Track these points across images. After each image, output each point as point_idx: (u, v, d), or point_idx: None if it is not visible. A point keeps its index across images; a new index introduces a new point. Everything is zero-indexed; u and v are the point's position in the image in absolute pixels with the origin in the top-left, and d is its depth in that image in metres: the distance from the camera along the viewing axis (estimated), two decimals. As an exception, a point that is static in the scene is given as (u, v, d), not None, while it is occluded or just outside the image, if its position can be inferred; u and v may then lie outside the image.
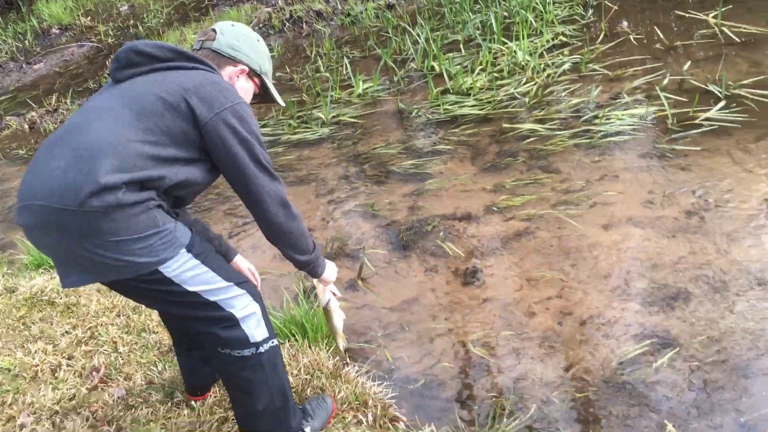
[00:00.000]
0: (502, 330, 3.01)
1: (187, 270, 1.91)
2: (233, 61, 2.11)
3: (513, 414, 2.56)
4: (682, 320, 2.87)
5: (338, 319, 2.63)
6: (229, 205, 4.65)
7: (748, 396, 2.47)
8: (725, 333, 2.76)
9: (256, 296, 2.11)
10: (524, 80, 5.42)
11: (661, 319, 2.90)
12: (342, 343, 2.74)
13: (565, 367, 2.75)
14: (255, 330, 2.08)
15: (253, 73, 2.18)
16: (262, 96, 2.28)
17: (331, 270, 2.42)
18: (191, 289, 1.93)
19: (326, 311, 2.60)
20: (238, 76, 2.13)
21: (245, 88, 2.16)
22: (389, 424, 2.51)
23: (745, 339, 2.71)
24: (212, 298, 1.99)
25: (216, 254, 2.06)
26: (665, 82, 4.83)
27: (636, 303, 3.00)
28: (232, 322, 2.03)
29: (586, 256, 3.35)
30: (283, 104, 2.41)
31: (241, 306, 2.04)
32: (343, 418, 2.52)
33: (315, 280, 2.42)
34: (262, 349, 2.10)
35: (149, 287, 1.92)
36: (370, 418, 2.51)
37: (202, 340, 2.18)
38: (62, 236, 1.75)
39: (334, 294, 2.55)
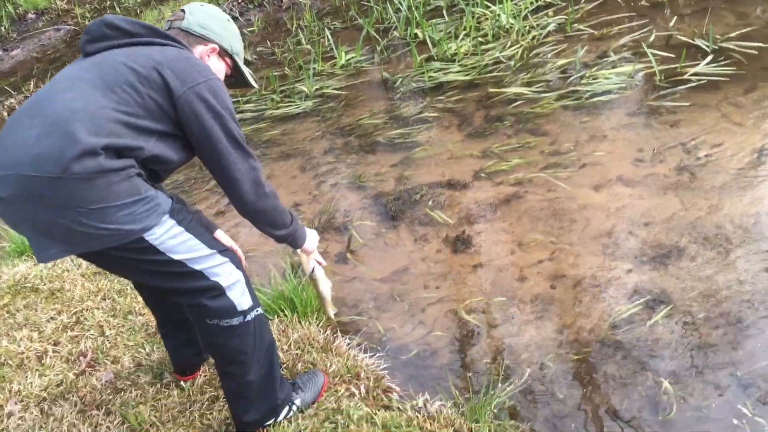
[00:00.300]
0: (494, 296, 2.97)
1: (171, 237, 1.86)
2: (203, 39, 2.06)
3: (508, 379, 2.53)
4: (675, 278, 2.83)
5: (325, 287, 2.55)
6: (213, 183, 4.57)
7: (744, 351, 2.45)
8: (719, 289, 2.72)
9: (238, 264, 2.07)
10: (509, 44, 5.33)
11: (654, 277, 2.86)
12: (331, 311, 2.67)
13: (558, 330, 2.72)
14: (241, 298, 2.04)
15: (224, 53, 2.13)
16: (234, 78, 2.23)
17: (312, 238, 2.36)
18: (176, 257, 1.89)
19: (312, 280, 2.52)
20: (209, 56, 2.08)
21: (217, 69, 2.11)
22: (382, 395, 2.47)
23: (740, 294, 2.68)
24: (197, 267, 1.94)
25: (197, 223, 2.01)
26: (652, 38, 4.75)
27: (628, 262, 2.96)
28: (218, 291, 1.99)
29: (576, 218, 3.30)
30: (256, 86, 2.36)
31: (226, 274, 2.00)
32: (336, 391, 2.47)
33: (298, 250, 2.36)
34: (248, 317, 2.07)
35: (134, 257, 1.86)
36: (363, 390, 2.47)
37: (189, 315, 2.13)
38: (41, 206, 1.68)
39: (318, 263, 2.49)
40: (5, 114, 7.44)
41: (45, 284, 3.43)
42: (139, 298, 3.14)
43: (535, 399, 2.45)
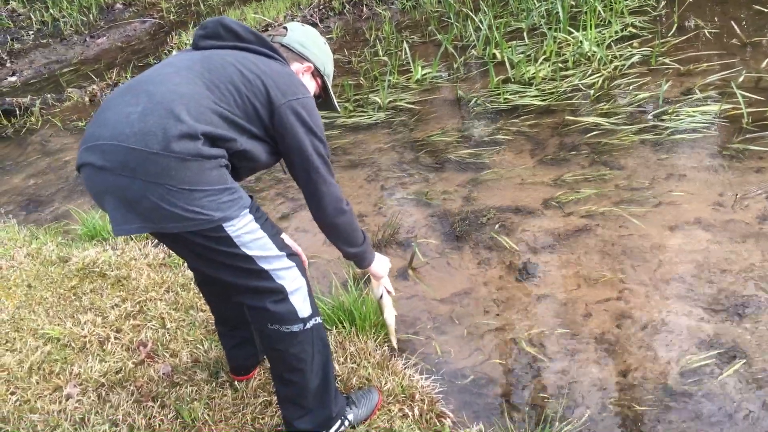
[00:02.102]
0: (556, 329, 2.89)
1: (247, 232, 1.91)
2: (301, 57, 2.17)
3: (565, 418, 2.45)
4: (750, 332, 2.71)
5: (389, 315, 2.62)
6: (281, 187, 4.61)
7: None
8: (798, 348, 2.59)
9: (303, 271, 2.12)
10: (590, 72, 5.23)
11: (728, 329, 2.74)
12: (394, 340, 2.69)
13: (622, 373, 2.63)
14: (302, 304, 2.08)
15: (317, 73, 2.23)
16: (322, 99, 2.32)
17: (383, 264, 2.44)
18: (248, 252, 1.94)
19: (380, 306, 2.61)
20: (303, 73, 2.18)
21: (308, 86, 2.19)
22: (435, 420, 2.43)
23: (821, 356, 2.54)
24: (265, 266, 1.98)
25: (270, 224, 2.05)
26: (741, 79, 4.59)
27: (701, 310, 2.85)
28: (282, 295, 2.03)
29: (648, 257, 3.20)
30: (339, 111, 2.50)
31: (291, 278, 2.05)
32: (389, 410, 2.45)
33: (371, 276, 2.46)
34: (308, 325, 2.11)
35: (209, 245, 1.91)
36: (417, 412, 2.44)
37: (250, 319, 2.16)
38: (135, 178, 1.74)
39: (387, 291, 2.55)
40: (86, 99, 7.69)
41: (112, 271, 3.51)
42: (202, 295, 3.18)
43: (593, 442, 2.37)
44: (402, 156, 4.72)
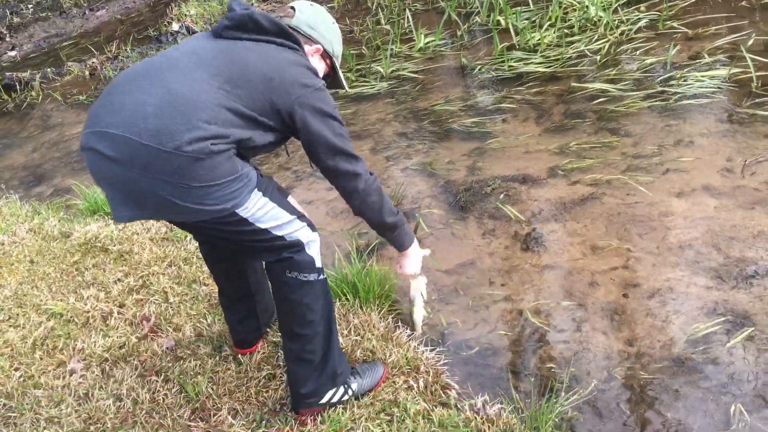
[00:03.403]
0: (562, 299, 2.86)
1: (259, 209, 1.98)
2: (310, 39, 2.15)
3: (572, 388, 2.43)
4: (759, 299, 2.67)
5: (418, 314, 2.68)
6: (282, 159, 4.56)
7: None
8: (808, 315, 2.55)
9: (314, 228, 2.20)
10: (596, 37, 5.14)
11: (736, 296, 2.70)
12: (418, 331, 2.75)
13: (629, 342, 2.60)
14: (317, 256, 2.18)
15: (326, 54, 2.21)
16: (330, 78, 2.32)
17: (418, 255, 2.44)
18: (263, 226, 2.01)
19: (411, 303, 2.67)
20: (312, 55, 2.16)
21: (318, 68, 2.18)
22: (441, 392, 2.41)
23: (831, 323, 2.50)
24: (280, 233, 2.06)
25: (277, 190, 2.13)
26: (750, 42, 4.49)
27: (709, 278, 2.81)
28: (299, 246, 2.12)
29: (656, 225, 3.15)
30: (347, 89, 2.47)
31: (305, 235, 2.14)
32: (394, 382, 2.43)
33: (409, 275, 2.52)
34: (321, 276, 2.19)
35: (223, 228, 1.98)
36: (422, 384, 2.42)
37: (267, 271, 2.21)
38: (143, 174, 1.75)
39: (422, 293, 2.62)
40: (87, 73, 7.62)
41: (115, 245, 3.49)
42: (205, 268, 3.17)
43: (599, 412, 2.35)
44: (405, 126, 4.66)
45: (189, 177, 1.75)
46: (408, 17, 6.33)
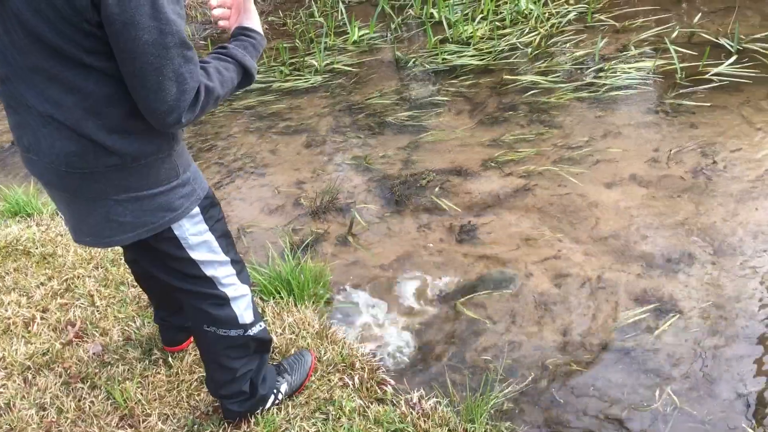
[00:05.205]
0: (496, 290, 2.88)
1: (194, 234, 1.78)
2: None
3: (506, 379, 2.44)
4: (684, 285, 2.75)
5: None
6: (214, 153, 4.46)
7: (751, 368, 2.36)
8: (729, 299, 2.64)
9: (247, 278, 2.01)
10: (527, 30, 5.20)
11: (664, 283, 2.77)
12: None
13: (561, 332, 2.63)
14: (244, 312, 1.99)
15: None
16: None
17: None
18: (193, 256, 1.81)
19: None
20: None
21: None
22: (377, 388, 2.39)
23: (750, 306, 2.59)
24: (209, 273, 1.86)
25: (223, 221, 1.90)
26: (674, 34, 4.62)
27: (637, 266, 2.87)
28: (223, 300, 1.93)
29: (586, 215, 3.21)
30: None
31: (234, 286, 1.94)
32: (329, 380, 2.40)
33: None
34: (250, 333, 2.01)
35: (155, 245, 1.78)
36: (357, 380, 2.39)
37: (187, 315, 2.07)
38: (77, 199, 1.65)
39: None
40: None
41: (37, 248, 3.34)
42: (133, 269, 3.06)
43: (534, 402, 2.37)
44: (340, 120, 4.62)
45: (118, 188, 1.63)
46: (342, 10, 6.28)
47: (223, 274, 1.89)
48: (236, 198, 3.86)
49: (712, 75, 4.09)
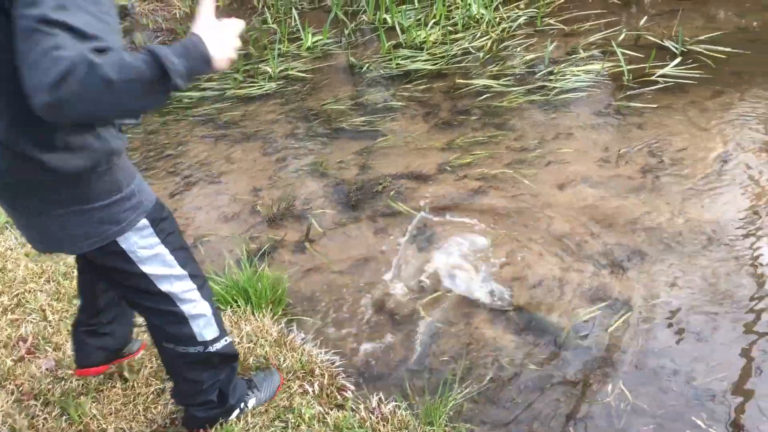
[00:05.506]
0: (454, 292, 2.91)
1: (143, 247, 1.71)
2: None
3: (465, 380, 2.47)
4: (635, 281, 2.82)
5: None
6: (170, 162, 4.42)
7: (701, 360, 2.44)
8: (679, 295, 2.72)
9: (208, 294, 1.93)
10: (479, 34, 5.27)
11: (616, 281, 2.84)
12: None
13: (517, 332, 2.68)
14: (204, 329, 1.91)
15: None
16: None
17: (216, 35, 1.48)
18: (145, 270, 1.74)
19: None
20: None
21: None
22: (336, 394, 2.39)
23: (700, 301, 2.67)
24: (164, 288, 1.79)
25: (177, 234, 1.84)
26: (621, 37, 4.74)
27: (590, 265, 2.94)
28: (181, 318, 1.86)
29: (539, 216, 3.27)
30: None
31: (194, 303, 1.87)
32: (288, 387, 2.39)
33: None
34: (211, 349, 1.95)
35: (104, 262, 1.73)
36: (317, 387, 2.39)
37: (147, 330, 2.02)
38: (26, 212, 1.63)
39: None
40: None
41: (-15, 263, 3.26)
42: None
43: (492, 402, 2.40)
44: (296, 126, 4.62)
45: (59, 202, 1.59)
46: (295, 16, 6.27)
47: (181, 289, 1.82)
48: (192, 207, 3.83)
49: (658, 77, 4.21)
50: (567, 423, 2.29)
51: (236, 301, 2.83)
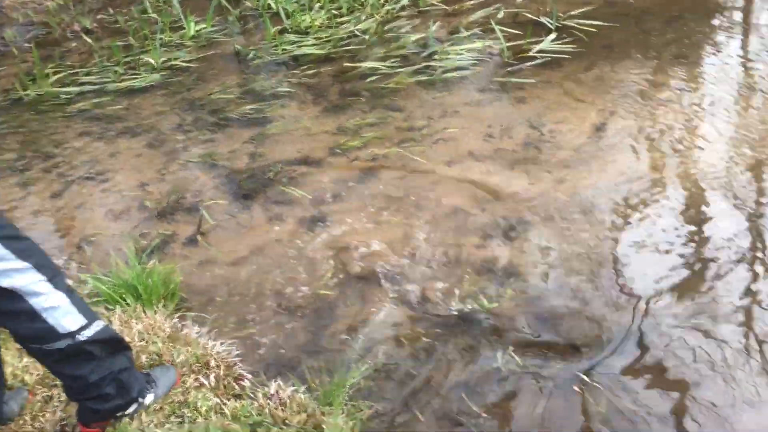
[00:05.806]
0: (350, 273, 2.94)
1: None
2: None
3: (362, 358, 2.51)
4: (520, 250, 2.93)
5: None
6: (50, 162, 4.21)
7: (585, 322, 2.57)
8: (564, 260, 2.85)
9: (62, 284, 1.82)
10: (364, 17, 5.29)
11: (503, 251, 2.94)
12: None
13: (411, 307, 2.73)
14: (62, 320, 1.80)
15: None
16: None
17: None
18: None
19: None
20: None
21: None
22: (234, 384, 2.37)
23: (583, 265, 2.81)
24: (4, 284, 1.68)
25: (8, 225, 1.74)
26: (500, 15, 4.88)
27: (478, 237, 3.03)
28: (32, 314, 1.76)
29: (429, 194, 3.34)
30: None
31: (45, 296, 1.76)
32: (183, 382, 2.35)
33: None
34: (81, 338, 1.85)
35: None
36: (213, 379, 2.36)
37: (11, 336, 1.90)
38: None
39: None
40: None
41: None
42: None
43: (390, 377, 2.45)
44: (182, 118, 4.49)
45: None
46: (176, 4, 6.08)
47: (25, 282, 1.72)
48: (77, 207, 3.67)
49: (535, 53, 4.36)
50: (461, 390, 2.36)
51: (125, 300, 2.75)
